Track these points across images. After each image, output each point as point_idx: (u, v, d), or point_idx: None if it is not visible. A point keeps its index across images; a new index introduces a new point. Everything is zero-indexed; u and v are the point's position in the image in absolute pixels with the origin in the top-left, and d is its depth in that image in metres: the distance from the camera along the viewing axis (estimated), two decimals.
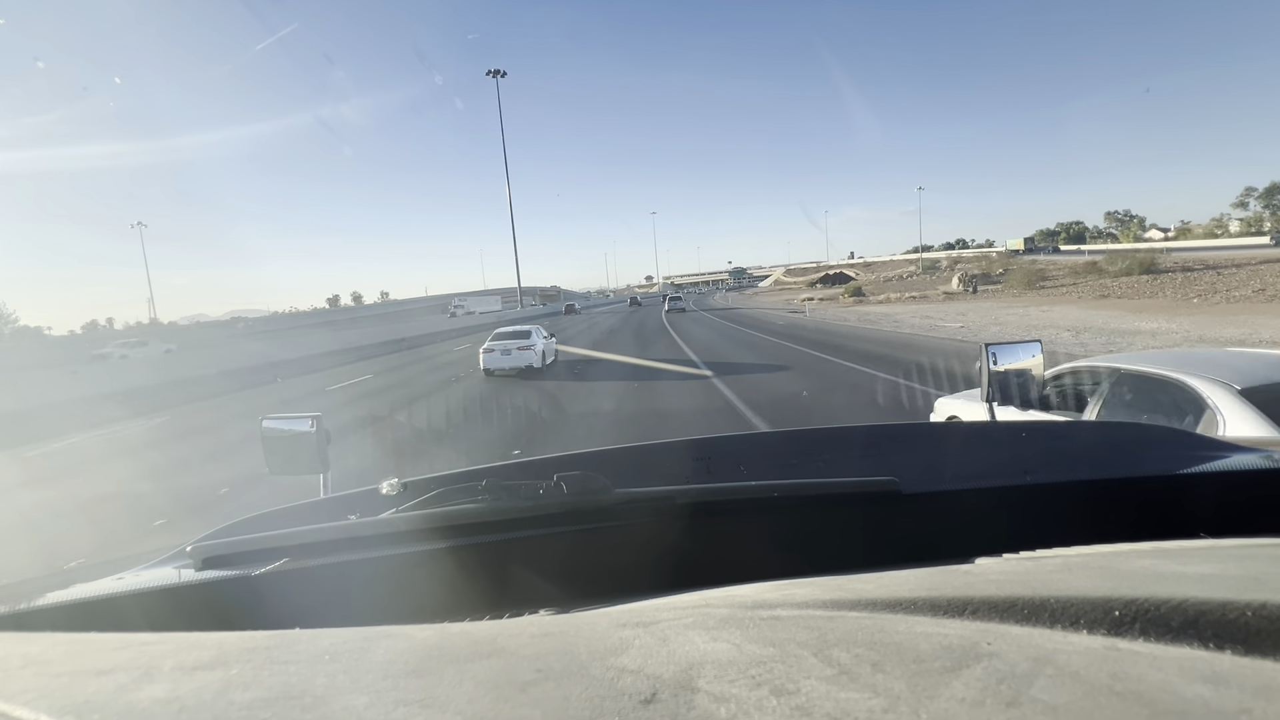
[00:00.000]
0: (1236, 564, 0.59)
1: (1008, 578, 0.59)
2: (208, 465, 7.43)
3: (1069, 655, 0.39)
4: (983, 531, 0.99)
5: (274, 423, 1.60)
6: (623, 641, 0.49)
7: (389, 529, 1.03)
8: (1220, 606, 0.42)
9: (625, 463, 1.42)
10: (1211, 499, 1.14)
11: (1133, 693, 0.34)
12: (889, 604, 0.54)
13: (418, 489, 1.18)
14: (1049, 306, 25.09)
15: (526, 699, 0.39)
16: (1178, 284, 27.70)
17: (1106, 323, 17.58)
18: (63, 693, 0.41)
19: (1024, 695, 0.35)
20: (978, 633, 0.44)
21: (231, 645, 0.51)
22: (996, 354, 1.74)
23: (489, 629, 0.58)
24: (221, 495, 5.98)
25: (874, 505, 1.11)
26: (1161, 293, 25.76)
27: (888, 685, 0.38)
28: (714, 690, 0.39)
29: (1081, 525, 1.11)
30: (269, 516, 1.24)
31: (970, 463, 1.36)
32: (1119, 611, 0.44)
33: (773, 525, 1.12)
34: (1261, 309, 18.12)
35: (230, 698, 0.40)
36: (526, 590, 1.05)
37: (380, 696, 0.40)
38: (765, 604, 0.59)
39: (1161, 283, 29.20)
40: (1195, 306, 20.50)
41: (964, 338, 15.92)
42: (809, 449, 1.52)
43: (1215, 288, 24.41)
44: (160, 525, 5.20)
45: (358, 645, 0.50)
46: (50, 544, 4.99)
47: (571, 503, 1.05)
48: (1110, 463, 1.28)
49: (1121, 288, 29.68)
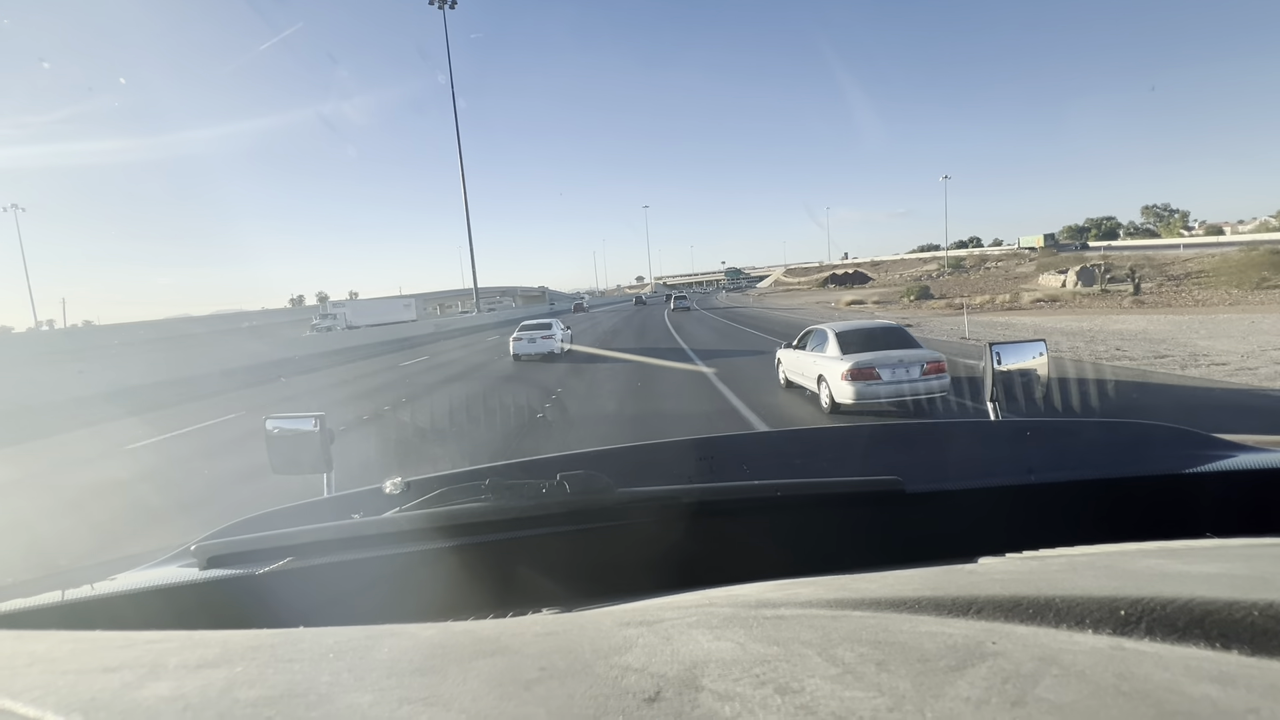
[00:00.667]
0: (1243, 563, 0.59)
1: (1012, 577, 0.59)
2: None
3: (1074, 655, 0.39)
4: (987, 531, 0.98)
5: (278, 422, 1.61)
6: (627, 640, 0.49)
7: (392, 528, 1.03)
8: (1227, 606, 0.42)
9: (628, 462, 1.42)
10: (1217, 498, 1.13)
11: (1139, 692, 0.34)
12: (893, 603, 0.54)
13: (421, 488, 1.18)
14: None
15: (531, 697, 0.39)
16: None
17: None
18: (69, 690, 0.42)
19: (1029, 695, 0.35)
20: (982, 632, 0.44)
21: (236, 643, 0.51)
22: (1001, 353, 1.74)
23: (493, 628, 0.58)
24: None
25: (878, 504, 1.11)
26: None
27: (892, 684, 0.37)
28: (718, 689, 0.39)
29: (1086, 524, 1.10)
30: (272, 516, 1.24)
31: (974, 462, 1.36)
32: (1125, 611, 0.44)
33: (776, 524, 1.12)
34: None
35: (235, 695, 0.40)
36: (530, 589, 1.05)
37: (384, 695, 0.40)
38: (769, 603, 0.59)
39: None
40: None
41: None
42: (812, 448, 1.52)
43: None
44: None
45: (362, 644, 0.50)
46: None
47: (574, 502, 1.05)
48: (1115, 462, 1.27)
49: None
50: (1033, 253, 69.24)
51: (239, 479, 6.86)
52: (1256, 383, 9.02)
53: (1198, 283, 27.63)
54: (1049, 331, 16.68)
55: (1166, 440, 1.37)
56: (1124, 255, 48.09)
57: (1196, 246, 44.20)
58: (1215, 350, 11.72)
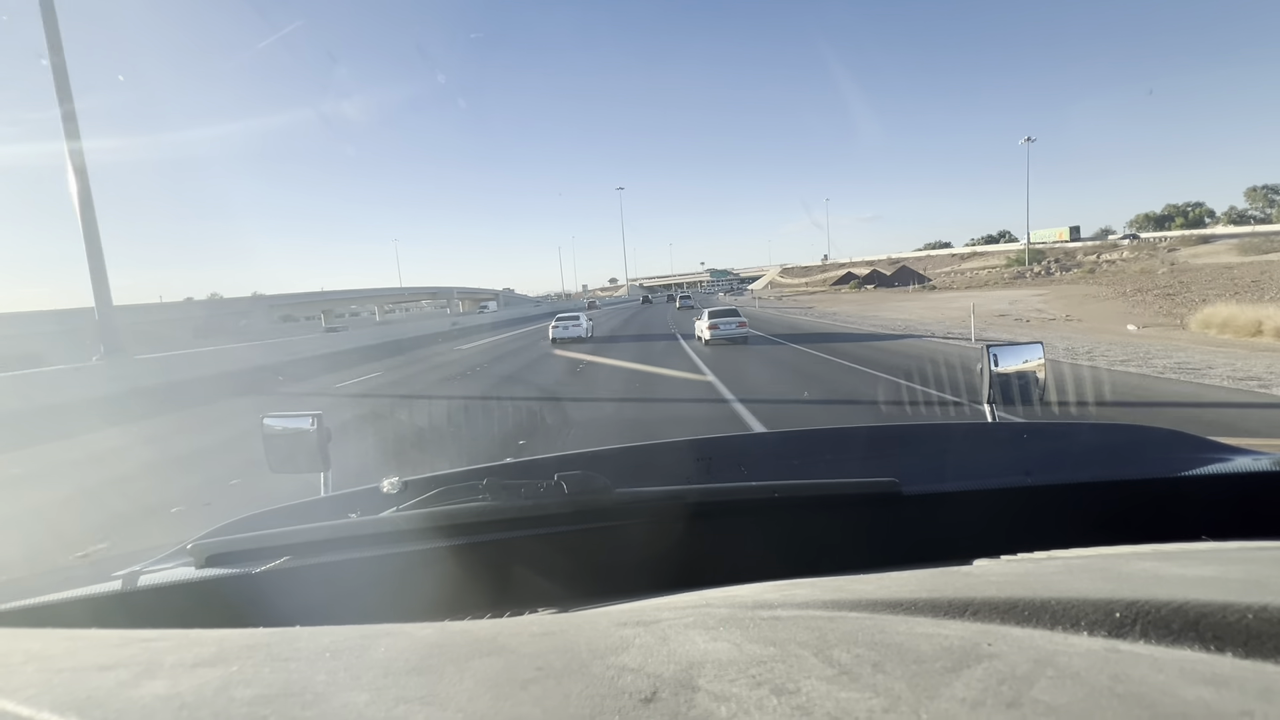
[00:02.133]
0: (1238, 566, 0.59)
1: (1008, 579, 0.59)
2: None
3: (1070, 657, 0.39)
4: (983, 532, 0.99)
5: (275, 420, 1.60)
6: (623, 640, 0.49)
7: (390, 527, 1.03)
8: (1221, 609, 0.42)
9: (626, 462, 1.42)
10: (1212, 501, 1.14)
11: (1134, 695, 0.34)
12: (890, 605, 0.54)
13: (418, 487, 1.18)
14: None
15: (527, 697, 0.39)
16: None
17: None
18: (64, 689, 0.42)
19: (1025, 696, 0.35)
20: (978, 634, 0.44)
21: (232, 642, 0.51)
22: (997, 355, 1.74)
23: (489, 627, 0.58)
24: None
25: (875, 506, 1.11)
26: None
27: (888, 685, 0.38)
28: (714, 689, 0.39)
29: (1082, 527, 1.11)
30: (269, 514, 1.24)
31: (971, 464, 1.36)
32: (1120, 613, 0.44)
33: (773, 525, 1.12)
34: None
35: (231, 694, 0.40)
36: (527, 589, 1.05)
37: (381, 694, 0.40)
38: (766, 604, 0.59)
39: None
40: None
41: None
42: (810, 449, 1.52)
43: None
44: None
45: (358, 643, 0.50)
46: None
47: (572, 502, 1.05)
48: (1111, 464, 1.28)
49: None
50: (1131, 241, 57.01)
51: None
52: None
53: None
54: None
55: (1162, 443, 1.37)
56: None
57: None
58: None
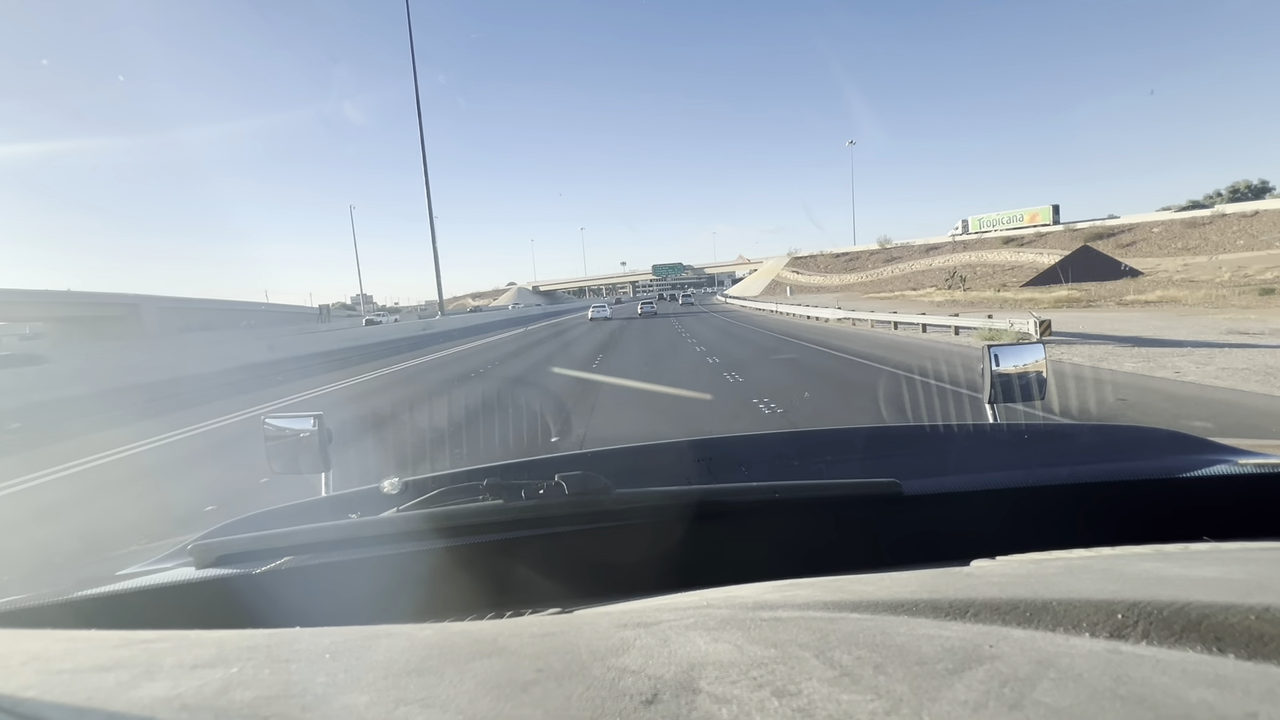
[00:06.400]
0: (1240, 567, 0.59)
1: (1009, 580, 0.59)
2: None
3: (1072, 658, 0.39)
4: (984, 533, 0.98)
5: (276, 421, 1.60)
6: (624, 642, 0.49)
7: (390, 528, 1.03)
8: (1223, 610, 0.42)
9: (626, 463, 1.42)
10: (1214, 502, 1.13)
11: (1136, 696, 0.34)
12: (890, 606, 0.54)
13: (419, 488, 1.18)
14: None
15: (528, 699, 0.39)
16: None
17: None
18: (64, 690, 0.41)
19: (1027, 698, 0.35)
20: (980, 635, 0.44)
21: (232, 643, 0.51)
22: (999, 355, 1.74)
23: (490, 628, 0.58)
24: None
25: (875, 507, 1.11)
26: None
27: (890, 687, 0.37)
28: (715, 691, 0.39)
29: (1084, 528, 1.10)
30: (269, 515, 1.24)
31: (972, 464, 1.36)
32: (1122, 614, 0.44)
33: (774, 526, 1.12)
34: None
35: (231, 696, 0.40)
36: (527, 590, 1.05)
37: (381, 695, 0.40)
38: (767, 605, 0.59)
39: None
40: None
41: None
42: (810, 450, 1.52)
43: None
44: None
45: (358, 644, 0.50)
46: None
47: (572, 503, 1.05)
48: (1113, 465, 1.27)
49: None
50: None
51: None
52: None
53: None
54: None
55: (1163, 444, 1.37)
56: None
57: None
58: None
